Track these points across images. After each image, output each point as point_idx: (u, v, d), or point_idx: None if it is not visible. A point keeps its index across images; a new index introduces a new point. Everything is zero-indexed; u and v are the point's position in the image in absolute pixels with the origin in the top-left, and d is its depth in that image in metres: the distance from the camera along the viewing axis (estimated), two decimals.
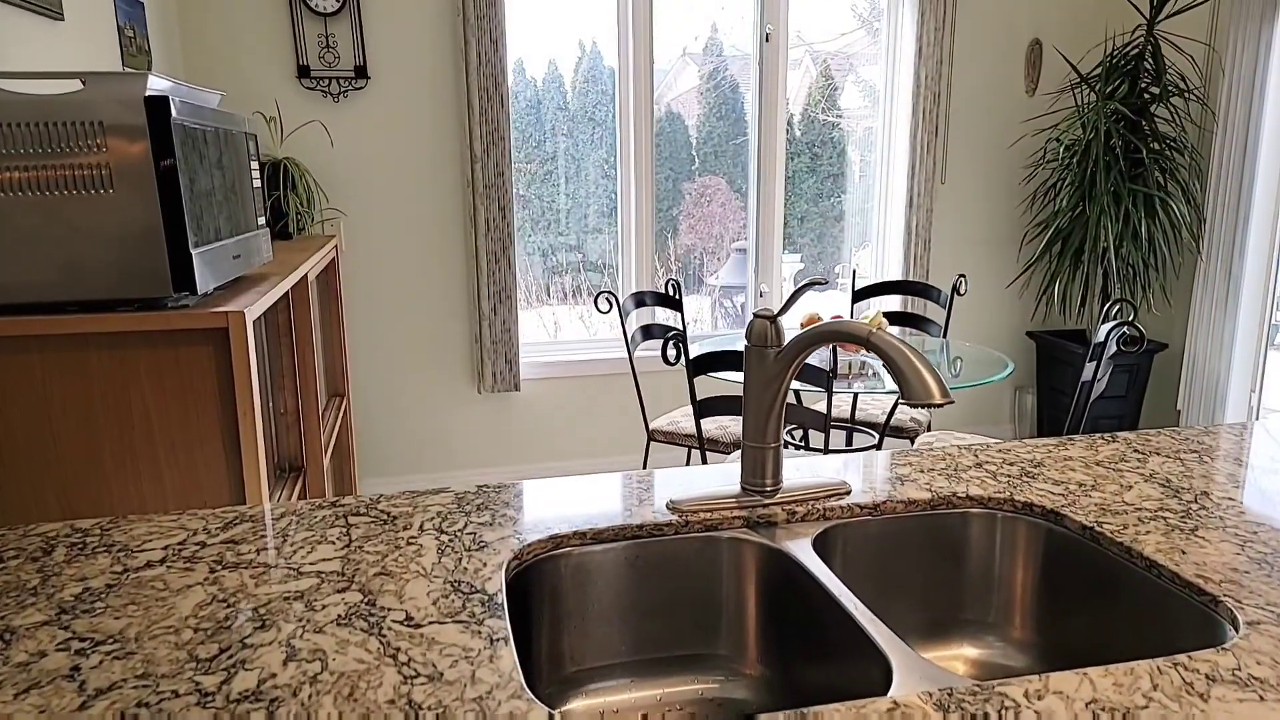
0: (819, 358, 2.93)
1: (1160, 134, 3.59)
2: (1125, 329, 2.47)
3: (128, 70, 1.19)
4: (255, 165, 1.68)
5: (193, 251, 1.23)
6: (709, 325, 4.19)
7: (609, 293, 3.15)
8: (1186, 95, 3.59)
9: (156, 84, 1.24)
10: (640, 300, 3.30)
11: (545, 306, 3.95)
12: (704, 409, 2.45)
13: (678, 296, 3.38)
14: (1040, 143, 3.98)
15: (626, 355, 3.18)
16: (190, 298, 1.27)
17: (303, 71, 3.14)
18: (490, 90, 3.23)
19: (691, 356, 2.43)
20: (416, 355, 3.53)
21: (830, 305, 4.24)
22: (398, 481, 3.62)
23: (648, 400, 3.79)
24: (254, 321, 1.32)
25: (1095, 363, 2.62)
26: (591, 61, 3.64)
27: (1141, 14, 3.63)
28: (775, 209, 3.91)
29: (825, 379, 2.27)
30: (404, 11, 3.22)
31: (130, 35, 2.50)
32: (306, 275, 2.01)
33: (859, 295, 3.64)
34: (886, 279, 4.05)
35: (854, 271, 3.66)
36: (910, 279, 3.93)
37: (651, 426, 3.17)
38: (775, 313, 1.17)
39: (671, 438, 3.11)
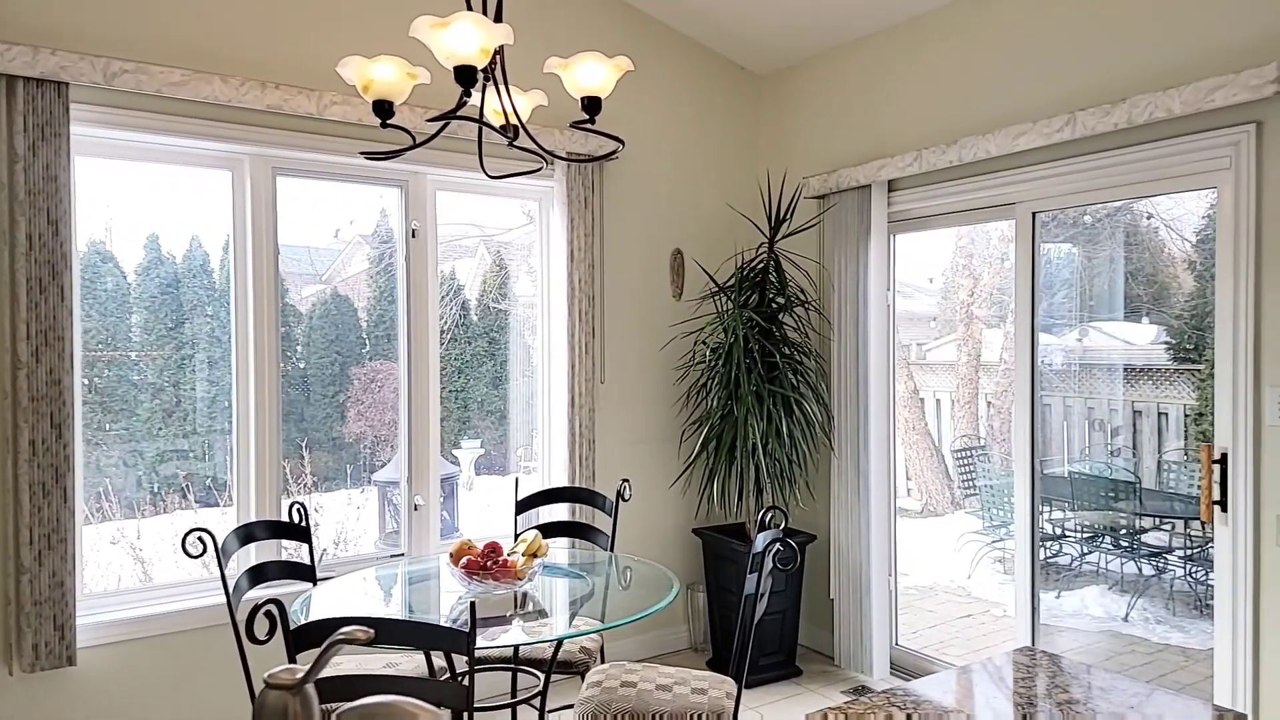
0: (467, 589, 2.51)
1: (790, 340, 3.88)
2: (780, 546, 2.40)
3: None
4: None
5: None
6: (375, 527, 3.65)
7: (203, 530, 2.49)
8: (806, 305, 3.95)
9: None
10: (248, 534, 2.67)
11: (139, 528, 3.14)
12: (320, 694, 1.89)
13: (304, 524, 2.81)
14: (689, 344, 4.13)
15: (227, 608, 2.50)
16: None
17: None
18: (45, 281, 2.56)
19: (296, 624, 1.89)
20: None
21: (496, 514, 3.89)
22: None
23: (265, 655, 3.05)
24: None
25: (756, 575, 2.52)
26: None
27: (763, 233, 4.00)
28: (430, 404, 3.56)
29: (464, 643, 1.85)
30: None
31: None
32: None
33: (522, 505, 3.33)
34: (553, 484, 3.81)
35: (516, 480, 3.37)
36: (576, 484, 3.73)
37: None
38: (300, 676, 0.77)
39: None
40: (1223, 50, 2.63)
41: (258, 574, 2.65)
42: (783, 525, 2.65)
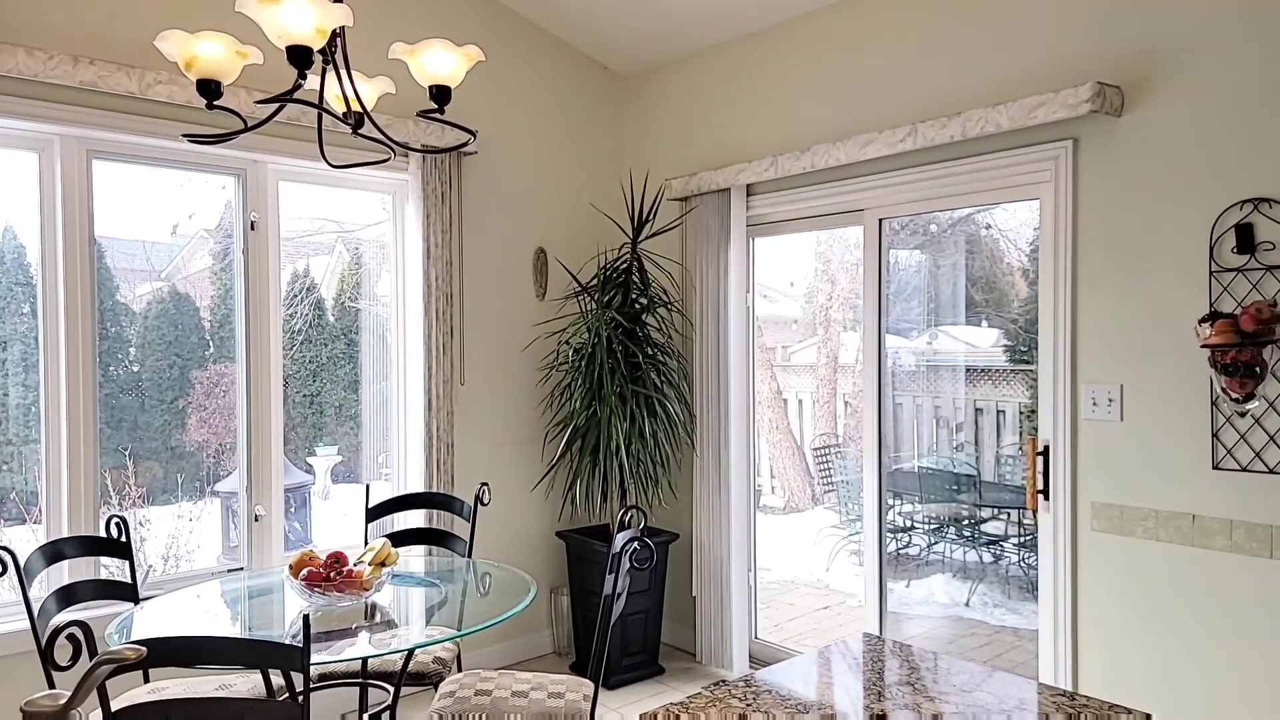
0: (309, 602, 2.37)
1: (653, 340, 3.90)
2: (636, 545, 2.39)
3: None
4: None
5: None
6: (217, 540, 3.41)
7: (2, 547, 2.24)
8: (669, 306, 3.98)
9: None
10: (56, 552, 2.42)
11: None
12: None
13: (123, 539, 2.58)
14: (553, 345, 4.08)
15: (32, 633, 2.25)
16: None
17: None
18: None
19: (108, 647, 1.71)
20: None
21: (354, 524, 3.71)
22: None
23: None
24: None
25: (614, 575, 2.50)
26: None
27: (626, 234, 4.00)
28: (272, 409, 3.36)
29: (296, 658, 1.73)
30: None
31: None
32: None
33: (374, 513, 3.19)
34: (408, 490, 3.67)
35: (368, 487, 3.22)
36: (434, 489, 3.60)
37: None
38: (64, 702, 0.68)
39: None
40: (1046, 70, 2.83)
41: (68, 595, 2.40)
42: (642, 525, 2.64)
